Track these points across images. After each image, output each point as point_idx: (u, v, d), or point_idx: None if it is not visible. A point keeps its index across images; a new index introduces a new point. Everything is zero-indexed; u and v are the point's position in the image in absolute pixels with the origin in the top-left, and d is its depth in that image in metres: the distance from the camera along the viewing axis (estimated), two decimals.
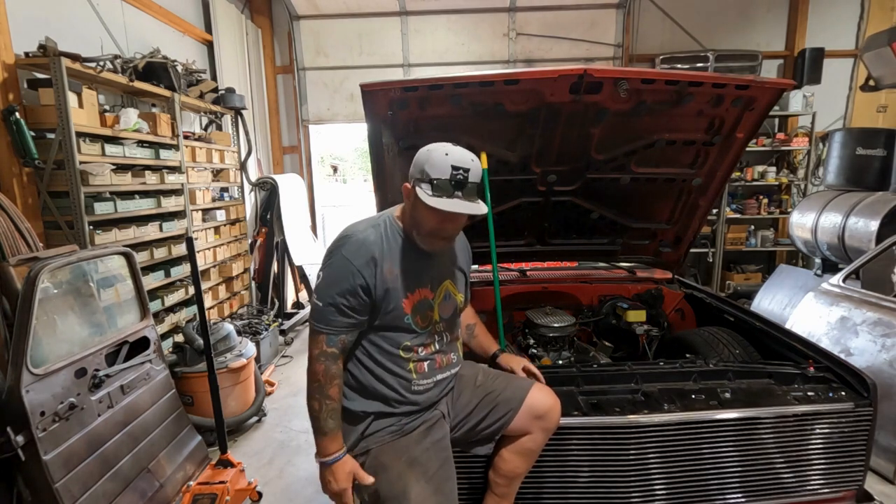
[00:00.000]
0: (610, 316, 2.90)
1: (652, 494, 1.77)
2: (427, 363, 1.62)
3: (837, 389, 1.91)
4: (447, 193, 1.43)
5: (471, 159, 1.48)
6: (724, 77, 2.20)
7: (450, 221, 1.50)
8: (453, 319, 1.72)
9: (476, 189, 1.47)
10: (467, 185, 1.45)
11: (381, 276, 1.51)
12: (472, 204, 1.46)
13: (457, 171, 1.44)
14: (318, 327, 1.51)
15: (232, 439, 3.36)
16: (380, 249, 1.53)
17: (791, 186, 6.49)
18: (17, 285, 2.14)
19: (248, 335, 4.33)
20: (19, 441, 1.97)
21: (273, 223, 5.55)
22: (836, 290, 3.39)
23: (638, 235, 3.03)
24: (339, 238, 1.56)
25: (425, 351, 1.62)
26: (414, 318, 1.57)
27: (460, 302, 1.75)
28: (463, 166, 1.45)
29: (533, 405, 1.66)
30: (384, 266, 1.52)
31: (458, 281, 1.74)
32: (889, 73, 4.19)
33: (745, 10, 6.39)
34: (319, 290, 1.52)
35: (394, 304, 1.54)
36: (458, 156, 1.47)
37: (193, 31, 5.01)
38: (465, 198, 1.45)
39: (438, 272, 1.66)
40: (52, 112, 2.81)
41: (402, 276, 1.55)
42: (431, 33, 6.49)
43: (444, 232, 1.53)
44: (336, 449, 1.51)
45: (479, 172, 1.49)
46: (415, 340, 1.59)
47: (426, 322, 1.60)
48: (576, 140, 2.42)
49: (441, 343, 1.66)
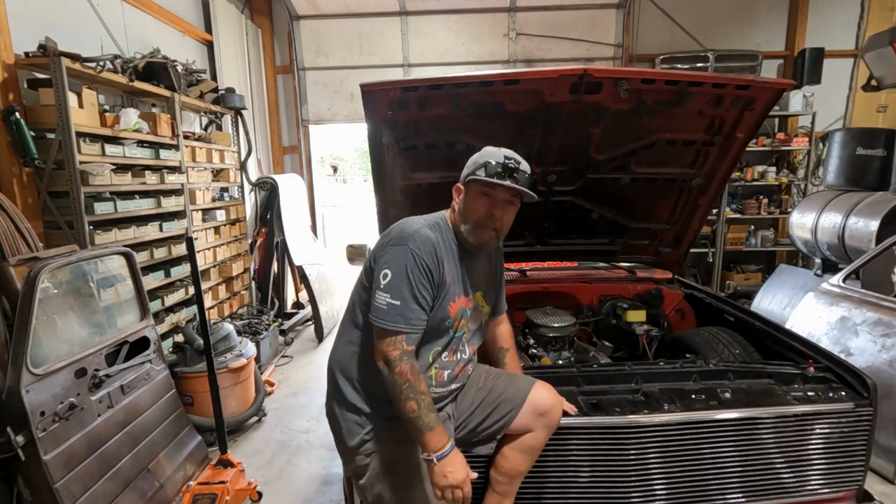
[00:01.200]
0: (610, 316, 2.89)
1: (652, 494, 1.77)
2: (447, 372, 1.63)
3: (837, 389, 1.91)
4: (499, 175, 1.53)
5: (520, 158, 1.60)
6: (724, 77, 2.20)
7: (500, 207, 1.57)
8: (478, 331, 1.76)
9: (527, 180, 1.56)
10: (519, 172, 1.55)
11: (442, 275, 1.54)
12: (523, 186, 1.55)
13: (509, 160, 1.55)
14: (396, 327, 1.44)
15: (232, 439, 3.36)
16: (440, 249, 1.55)
17: (791, 186, 6.49)
18: (17, 285, 2.14)
19: (248, 335, 4.33)
20: (19, 441, 1.97)
21: (273, 223, 5.55)
22: (836, 290, 3.39)
23: (638, 235, 3.02)
24: (402, 234, 1.53)
25: (449, 357, 1.63)
26: (455, 322, 1.60)
27: (486, 314, 1.78)
28: (515, 157, 1.57)
29: (535, 403, 1.67)
30: (444, 265, 1.55)
31: (489, 294, 1.78)
32: (891, 73, 4.19)
33: (745, 10, 6.39)
34: (392, 288, 1.46)
35: (444, 305, 1.56)
36: (510, 152, 1.59)
37: (193, 31, 5.01)
38: (517, 180, 1.54)
39: (475, 281, 1.69)
40: (52, 112, 2.81)
41: (455, 279, 1.59)
42: (431, 33, 6.49)
43: (493, 221, 1.57)
44: (447, 439, 1.43)
45: (528, 170, 1.59)
46: (446, 345, 1.61)
47: (460, 329, 1.64)
48: (576, 140, 2.42)
49: (463, 352, 1.68)
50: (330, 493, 2.82)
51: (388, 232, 1.59)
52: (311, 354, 5.06)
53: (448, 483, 1.39)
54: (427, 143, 2.42)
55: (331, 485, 2.90)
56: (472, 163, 1.60)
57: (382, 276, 1.48)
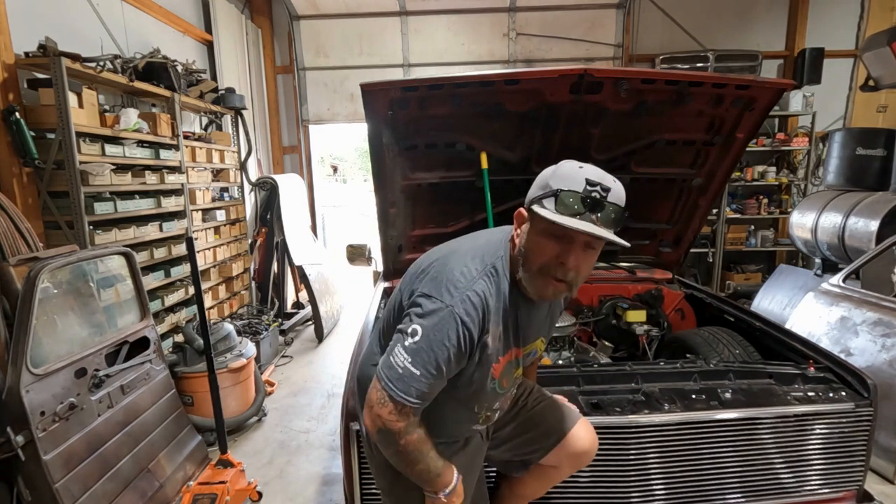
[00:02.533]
0: (610, 316, 2.89)
1: (652, 494, 1.77)
2: (497, 413, 1.48)
3: (837, 390, 1.91)
4: (576, 212, 1.13)
5: (613, 180, 1.19)
6: (724, 77, 2.20)
7: (574, 255, 1.18)
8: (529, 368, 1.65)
9: (616, 217, 1.16)
10: (606, 207, 1.14)
11: (488, 340, 1.25)
12: (607, 230, 1.14)
13: (593, 186, 1.14)
14: (406, 399, 1.19)
15: (232, 439, 3.36)
16: (490, 309, 1.24)
17: (791, 186, 6.49)
18: (17, 285, 2.14)
19: (248, 335, 4.33)
20: (19, 441, 1.97)
21: (273, 223, 5.55)
22: (836, 290, 3.39)
23: (638, 235, 3.02)
24: (450, 287, 1.22)
25: (500, 405, 1.46)
26: (500, 381, 1.34)
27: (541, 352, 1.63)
28: (602, 183, 1.15)
29: (572, 444, 1.53)
30: (491, 328, 1.25)
31: (546, 333, 1.52)
32: (889, 73, 4.19)
33: (745, 10, 6.39)
34: (418, 354, 1.18)
35: (482, 372, 1.29)
36: (595, 171, 1.18)
37: (193, 31, 5.01)
38: (601, 224, 1.14)
39: (532, 331, 1.38)
40: (52, 112, 2.81)
41: (502, 337, 1.28)
42: (431, 33, 6.49)
43: (560, 271, 1.19)
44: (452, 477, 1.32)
45: (622, 197, 1.18)
46: (492, 402, 1.40)
47: (510, 383, 1.40)
48: (576, 140, 2.42)
49: (510, 394, 1.49)
50: (330, 493, 2.82)
51: (432, 266, 1.29)
52: (311, 354, 5.06)
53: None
54: (427, 143, 2.42)
55: (331, 485, 2.90)
56: (542, 182, 1.20)
57: (411, 333, 1.20)
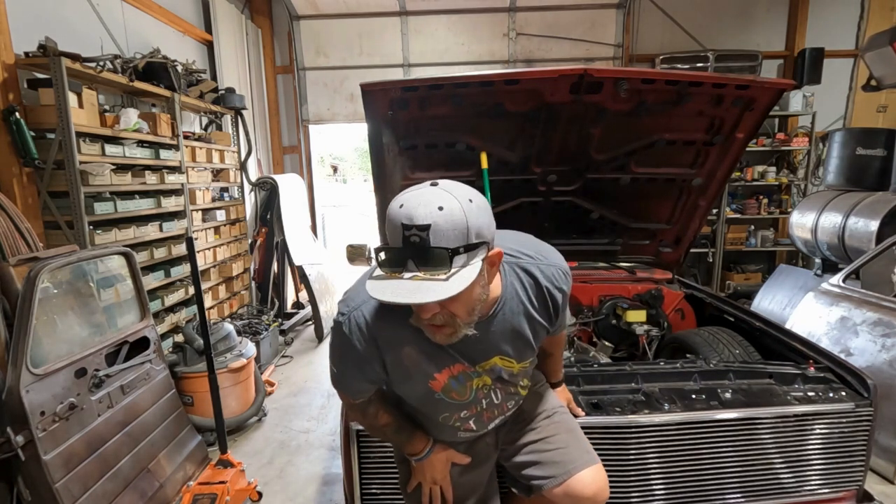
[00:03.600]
0: (610, 316, 2.89)
1: (652, 494, 1.77)
2: (473, 420, 1.43)
3: (837, 389, 1.91)
4: (395, 269, 1.01)
5: (438, 206, 0.99)
6: (724, 77, 2.20)
7: (419, 308, 1.08)
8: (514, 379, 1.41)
9: (442, 258, 0.98)
10: (429, 252, 0.97)
11: (395, 363, 1.26)
12: (423, 284, 0.97)
13: (409, 230, 0.98)
14: (339, 391, 1.40)
15: (232, 439, 3.36)
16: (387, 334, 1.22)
17: (791, 186, 6.49)
18: (17, 285, 2.14)
19: (248, 335, 4.33)
20: (19, 441, 1.97)
21: (273, 223, 5.55)
22: (836, 290, 3.39)
23: (638, 235, 3.02)
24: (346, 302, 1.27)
25: (469, 414, 1.41)
26: (448, 394, 1.34)
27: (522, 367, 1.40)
28: (417, 221, 0.97)
29: (576, 487, 1.45)
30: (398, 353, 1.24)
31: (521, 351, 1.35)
32: (890, 73, 4.19)
33: (745, 10, 6.38)
34: (331, 356, 1.31)
35: (418, 385, 1.31)
36: (416, 201, 1.00)
37: (193, 31, 5.01)
38: (425, 269, 0.98)
39: (478, 350, 1.28)
40: (52, 112, 2.81)
41: (420, 359, 1.26)
42: (431, 33, 6.49)
43: (420, 322, 1.12)
44: (423, 446, 1.47)
45: (454, 227, 0.99)
46: (453, 409, 1.39)
47: (465, 394, 1.35)
48: (576, 140, 2.42)
49: (491, 402, 1.42)
50: (330, 493, 2.82)
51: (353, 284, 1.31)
52: (311, 354, 5.06)
53: (425, 480, 1.50)
54: (427, 143, 2.42)
55: (331, 485, 2.90)
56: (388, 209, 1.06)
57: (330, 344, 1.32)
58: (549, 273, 1.31)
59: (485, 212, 1.06)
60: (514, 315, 1.27)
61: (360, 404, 1.41)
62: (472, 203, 1.03)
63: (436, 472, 1.48)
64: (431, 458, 1.47)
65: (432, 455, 1.47)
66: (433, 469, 1.48)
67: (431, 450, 1.47)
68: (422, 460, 1.47)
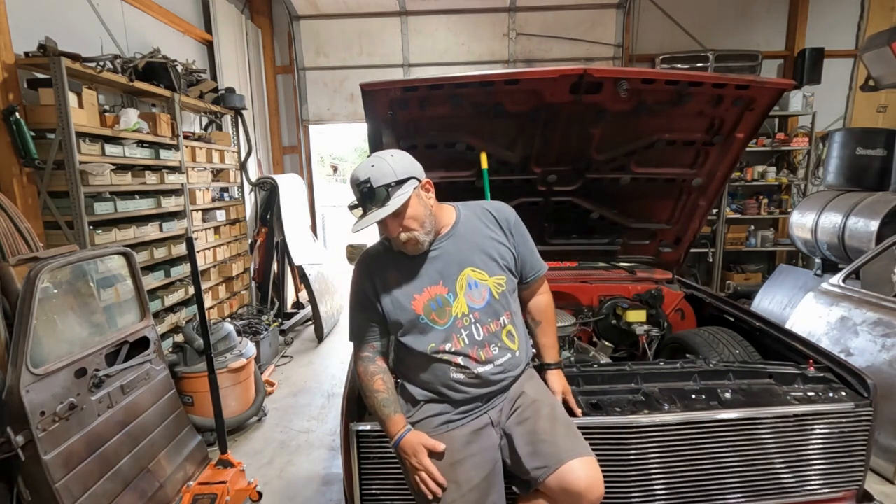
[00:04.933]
0: (610, 316, 2.89)
1: (652, 494, 1.77)
2: (461, 358, 1.58)
3: (837, 389, 1.91)
4: (364, 209, 1.53)
5: (371, 165, 1.52)
6: (724, 77, 2.20)
7: (386, 229, 1.57)
8: (492, 307, 1.62)
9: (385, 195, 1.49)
10: (375, 193, 1.49)
11: (383, 284, 1.62)
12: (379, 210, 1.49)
13: (360, 185, 1.51)
14: (351, 337, 1.71)
15: (232, 439, 3.36)
16: (379, 260, 1.66)
17: (791, 186, 6.49)
18: (17, 285, 2.14)
19: (248, 335, 4.33)
20: (19, 441, 1.97)
21: (273, 223, 5.55)
22: (836, 290, 3.39)
23: (638, 235, 3.02)
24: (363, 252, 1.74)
25: (454, 347, 1.58)
26: (428, 316, 1.59)
27: (496, 285, 1.64)
28: (361, 178, 1.51)
29: (567, 477, 1.47)
30: (386, 274, 1.63)
31: (488, 263, 1.64)
32: (889, 73, 4.19)
33: (745, 10, 6.39)
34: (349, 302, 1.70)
35: (400, 307, 1.60)
36: (361, 169, 1.53)
37: (193, 31, 5.01)
38: (377, 205, 1.50)
39: (449, 263, 1.62)
40: (52, 112, 2.81)
41: (403, 280, 1.61)
42: (431, 33, 6.49)
43: (396, 242, 1.59)
44: (398, 429, 1.58)
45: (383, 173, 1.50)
46: (438, 338, 1.58)
47: (445, 318, 1.59)
48: (576, 140, 2.42)
49: (472, 337, 1.59)
50: (330, 493, 2.82)
51: None
52: (311, 354, 5.06)
53: (406, 461, 1.57)
54: (427, 143, 2.42)
55: (331, 485, 2.90)
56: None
57: None
58: (494, 204, 1.77)
59: (404, 159, 1.57)
60: (472, 233, 1.67)
61: (365, 359, 1.66)
62: (393, 157, 1.55)
63: (412, 455, 1.54)
64: (408, 438, 1.56)
65: (408, 434, 1.57)
66: (410, 449, 1.55)
67: (407, 431, 1.58)
68: (400, 440, 1.57)
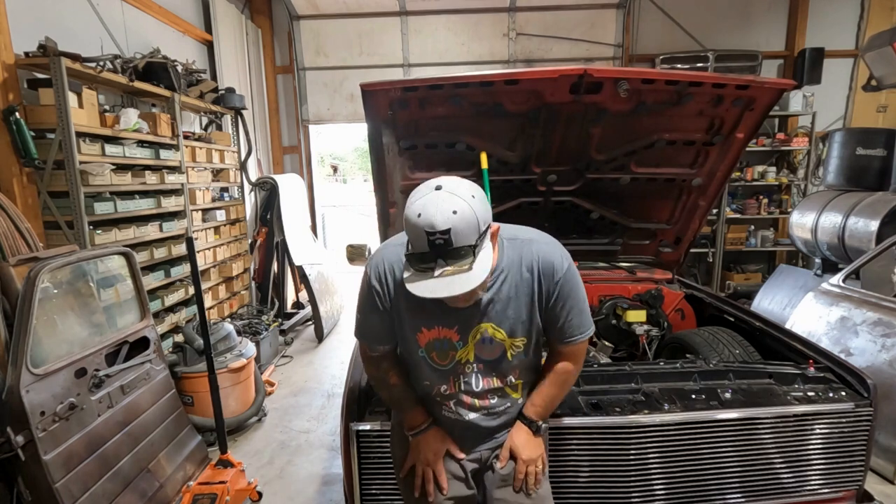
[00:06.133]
0: (610, 316, 2.89)
1: (652, 494, 1.77)
2: (453, 402, 1.45)
3: (837, 389, 1.91)
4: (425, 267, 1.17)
5: (451, 210, 1.15)
6: (724, 77, 2.20)
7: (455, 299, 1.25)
8: (501, 365, 1.43)
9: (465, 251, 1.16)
10: (453, 251, 1.15)
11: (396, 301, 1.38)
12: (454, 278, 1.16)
13: (433, 235, 1.14)
14: (359, 336, 1.50)
15: (232, 439, 3.36)
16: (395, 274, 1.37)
17: (791, 186, 6.49)
18: (17, 285, 2.14)
19: (248, 335, 4.33)
20: (19, 441, 1.97)
21: (273, 223, 5.55)
22: (836, 290, 3.39)
23: (638, 235, 3.02)
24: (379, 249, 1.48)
25: (449, 390, 1.44)
26: (429, 353, 1.42)
27: (513, 346, 1.41)
28: (438, 226, 1.13)
29: None
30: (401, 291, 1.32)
31: (512, 324, 1.39)
32: (891, 73, 4.19)
33: (745, 10, 6.39)
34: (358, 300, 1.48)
35: (405, 334, 1.43)
36: (432, 208, 1.15)
37: (193, 31, 5.01)
38: (452, 263, 1.16)
39: (471, 313, 1.37)
40: (52, 112, 2.81)
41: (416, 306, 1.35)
42: (431, 33, 6.49)
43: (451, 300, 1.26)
44: (420, 421, 1.49)
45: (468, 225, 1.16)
46: (434, 377, 1.44)
47: (446, 360, 1.41)
48: (576, 140, 2.42)
49: (470, 386, 1.43)
50: (330, 493, 2.82)
51: None
52: (311, 354, 5.06)
53: (419, 460, 1.49)
54: (427, 143, 2.42)
55: (331, 485, 2.90)
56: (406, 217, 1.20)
57: None
58: (544, 253, 1.38)
59: (484, 202, 1.23)
60: (507, 285, 1.38)
61: (376, 358, 1.49)
62: (475, 199, 1.20)
63: (429, 451, 1.47)
64: (427, 435, 1.48)
65: (429, 432, 1.48)
66: (427, 448, 1.47)
67: (430, 426, 1.49)
68: (418, 435, 1.48)
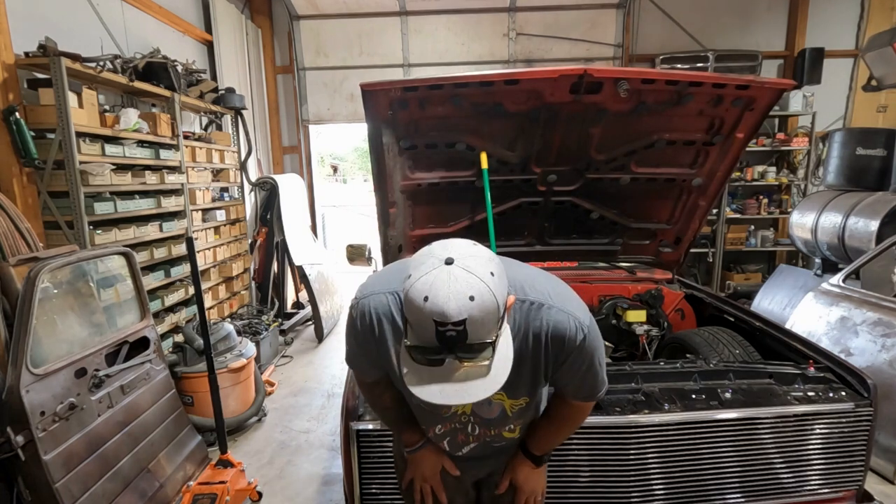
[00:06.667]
0: (610, 316, 2.89)
1: (652, 494, 1.77)
2: (447, 441, 1.43)
3: (837, 389, 1.91)
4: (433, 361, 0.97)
5: (468, 295, 0.91)
6: (724, 77, 2.20)
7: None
8: (499, 421, 1.35)
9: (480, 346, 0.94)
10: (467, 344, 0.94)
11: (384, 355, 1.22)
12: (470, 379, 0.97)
13: (443, 326, 0.92)
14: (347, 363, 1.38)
15: (232, 439, 3.36)
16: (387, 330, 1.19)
17: (791, 186, 6.49)
18: (17, 285, 2.14)
19: (248, 335, 4.33)
20: (19, 441, 1.97)
21: (273, 223, 5.55)
22: (836, 290, 3.39)
23: (638, 235, 3.02)
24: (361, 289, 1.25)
25: (443, 429, 1.40)
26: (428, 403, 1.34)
27: (513, 406, 1.32)
28: (451, 319, 0.91)
29: None
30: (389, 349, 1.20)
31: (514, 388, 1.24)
32: (891, 73, 4.19)
33: (745, 10, 6.39)
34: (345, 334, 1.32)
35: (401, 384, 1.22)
36: (443, 297, 0.91)
37: (193, 31, 5.01)
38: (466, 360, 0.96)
39: None
40: (52, 112, 2.81)
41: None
42: (431, 33, 6.49)
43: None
44: (416, 440, 1.46)
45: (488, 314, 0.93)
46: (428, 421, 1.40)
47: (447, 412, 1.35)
48: (576, 140, 2.42)
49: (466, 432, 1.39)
50: (330, 493, 2.82)
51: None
52: (311, 354, 5.06)
53: (416, 476, 1.50)
54: (427, 143, 2.42)
55: (331, 485, 2.90)
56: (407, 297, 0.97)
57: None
58: (559, 331, 1.16)
59: (503, 277, 1.01)
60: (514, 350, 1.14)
61: (369, 383, 1.41)
62: (493, 277, 0.96)
63: (426, 468, 1.48)
64: (423, 453, 1.47)
65: (425, 449, 1.47)
66: (423, 465, 1.48)
67: (426, 444, 1.47)
68: (414, 452, 1.48)
